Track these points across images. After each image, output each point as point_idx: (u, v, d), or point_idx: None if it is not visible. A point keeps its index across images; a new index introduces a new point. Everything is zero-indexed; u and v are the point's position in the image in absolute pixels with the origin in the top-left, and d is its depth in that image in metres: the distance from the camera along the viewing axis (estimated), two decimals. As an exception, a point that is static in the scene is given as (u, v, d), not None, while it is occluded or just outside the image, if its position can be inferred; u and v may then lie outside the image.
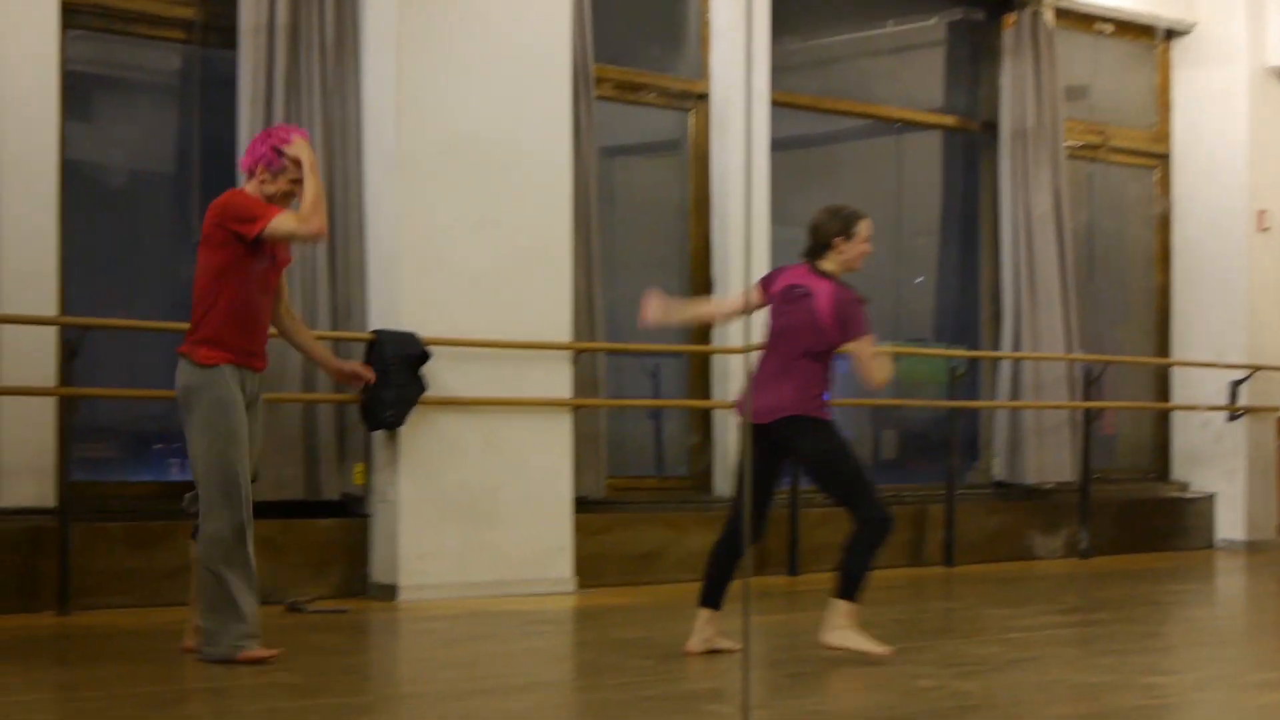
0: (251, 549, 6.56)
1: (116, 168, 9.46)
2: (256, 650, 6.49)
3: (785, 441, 7.03)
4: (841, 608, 7.01)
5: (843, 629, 7.00)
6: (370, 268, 8.96)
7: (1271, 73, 12.99)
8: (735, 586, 7.09)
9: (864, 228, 7.14)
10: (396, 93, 8.81)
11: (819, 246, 7.12)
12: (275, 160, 6.68)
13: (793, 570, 10.27)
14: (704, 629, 7.10)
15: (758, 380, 7.07)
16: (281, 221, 6.54)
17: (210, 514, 6.47)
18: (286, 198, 6.71)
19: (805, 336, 7.00)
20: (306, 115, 8.76)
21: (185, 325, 6.70)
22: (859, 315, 6.99)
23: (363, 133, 8.99)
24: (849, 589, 7.02)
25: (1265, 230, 12.94)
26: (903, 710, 6.02)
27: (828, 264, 7.10)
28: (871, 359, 7.06)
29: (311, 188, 6.60)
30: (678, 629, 8.15)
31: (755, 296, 7.25)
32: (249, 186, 6.74)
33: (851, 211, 7.20)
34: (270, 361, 8.31)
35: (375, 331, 8.72)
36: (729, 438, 10.43)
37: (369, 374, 7.34)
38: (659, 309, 7.30)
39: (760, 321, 7.39)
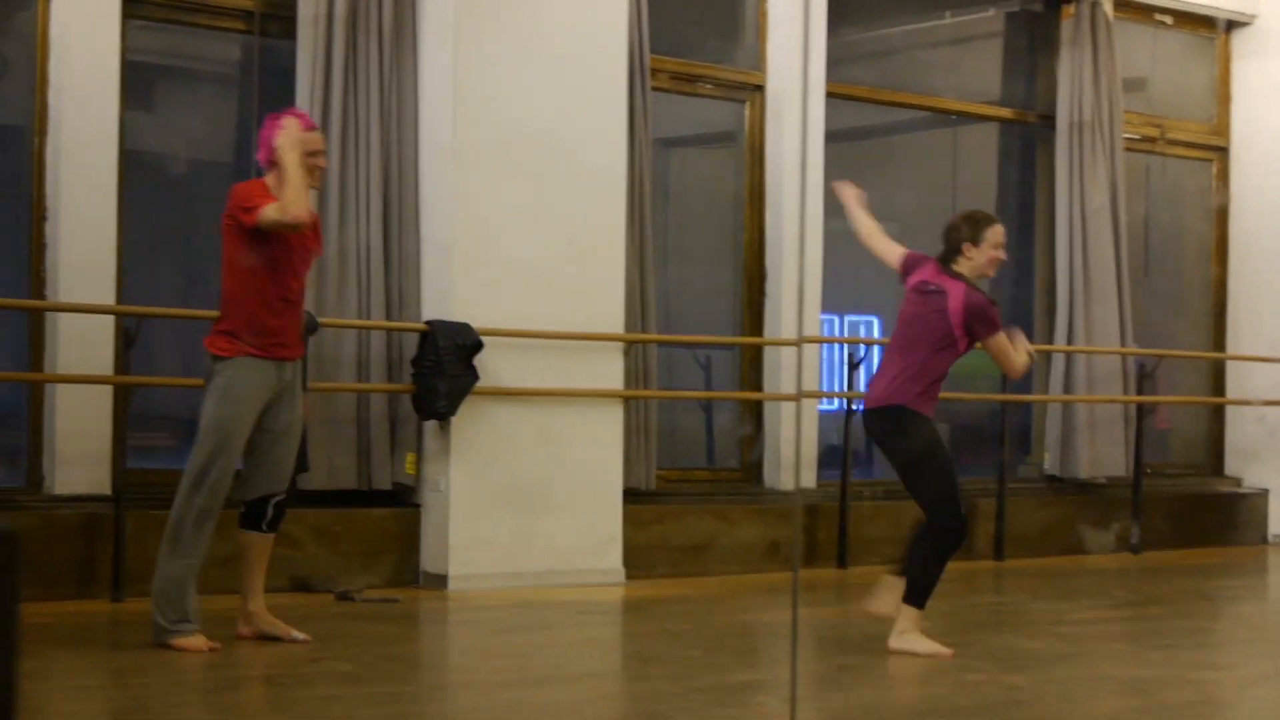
0: (207, 540, 6.64)
1: (176, 157, 9.54)
2: (194, 640, 6.54)
3: (877, 430, 7.13)
4: (907, 613, 7.00)
5: (904, 633, 7.01)
6: (424, 258, 9.00)
7: (1331, 65, 12.89)
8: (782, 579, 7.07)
9: (993, 234, 7.15)
10: (453, 83, 8.85)
11: (950, 250, 7.17)
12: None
13: (842, 563, 10.27)
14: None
15: (879, 365, 7.29)
16: (268, 211, 6.52)
17: (184, 495, 6.59)
18: (314, 173, 6.75)
19: (932, 332, 7.08)
20: (363, 105, 8.81)
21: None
22: (988, 316, 7.07)
23: (419, 123, 9.04)
24: (913, 595, 7.01)
25: (1323, 225, 12.85)
26: (952, 703, 6.03)
27: (959, 267, 7.12)
28: (1006, 353, 7.15)
29: (291, 174, 6.56)
30: (726, 620, 8.20)
31: (896, 263, 7.37)
32: (269, 178, 6.73)
33: (983, 218, 7.23)
34: (322, 350, 8.43)
35: (428, 322, 8.76)
36: (780, 429, 10.43)
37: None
38: (852, 192, 7.48)
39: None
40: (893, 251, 7.43)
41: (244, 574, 6.87)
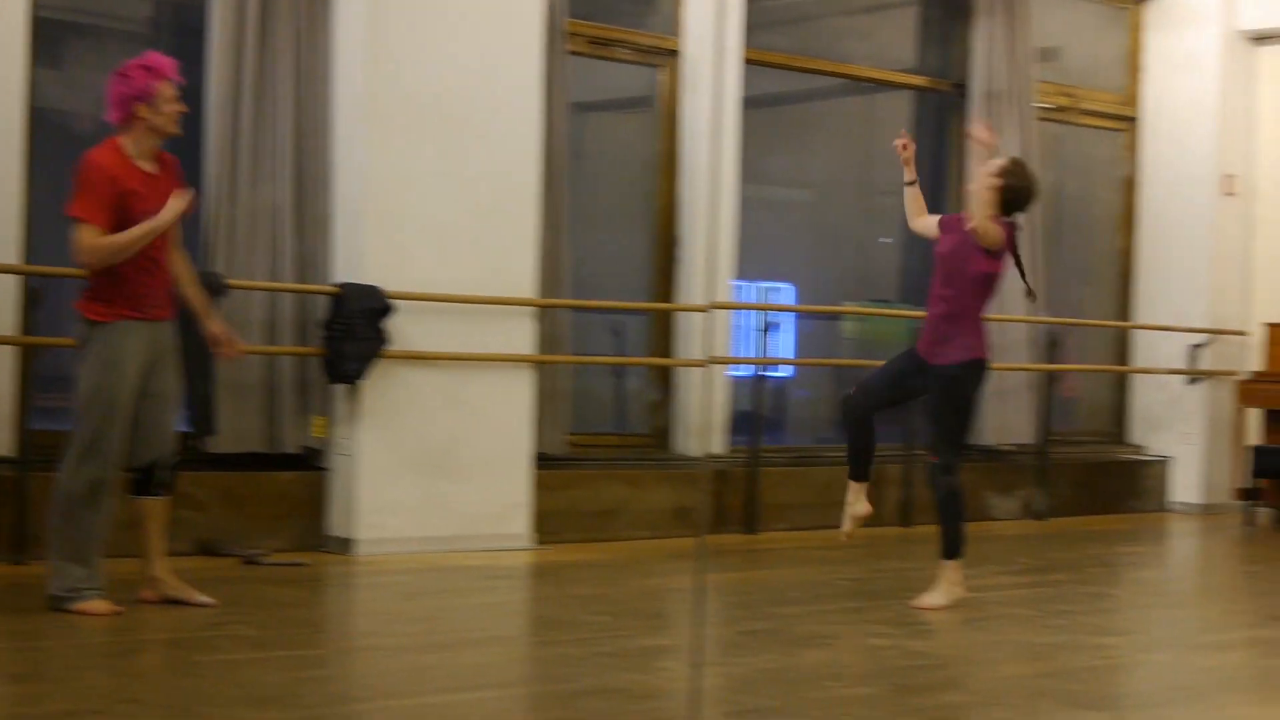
0: (107, 506, 6.58)
1: (85, 115, 9.41)
2: (96, 604, 6.49)
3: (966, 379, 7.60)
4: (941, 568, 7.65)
5: (931, 592, 7.54)
6: (336, 220, 8.95)
7: (1242, 37, 13.02)
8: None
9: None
10: (367, 44, 8.79)
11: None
12: (149, 90, 6.58)
13: (751, 529, 10.32)
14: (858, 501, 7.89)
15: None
16: (80, 233, 6.47)
17: (71, 465, 6.50)
18: (177, 119, 6.68)
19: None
20: (276, 65, 8.73)
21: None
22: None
23: (332, 84, 8.97)
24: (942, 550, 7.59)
25: (1231, 195, 12.99)
26: (856, 669, 6.08)
27: None
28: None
29: (132, 237, 6.48)
30: (634, 586, 8.24)
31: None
32: (126, 140, 6.61)
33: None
34: (230, 312, 8.37)
35: (339, 284, 8.72)
36: (691, 395, 10.46)
37: (233, 346, 7.04)
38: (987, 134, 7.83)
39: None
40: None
41: (143, 539, 6.81)
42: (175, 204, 6.56)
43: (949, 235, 7.68)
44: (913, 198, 8.02)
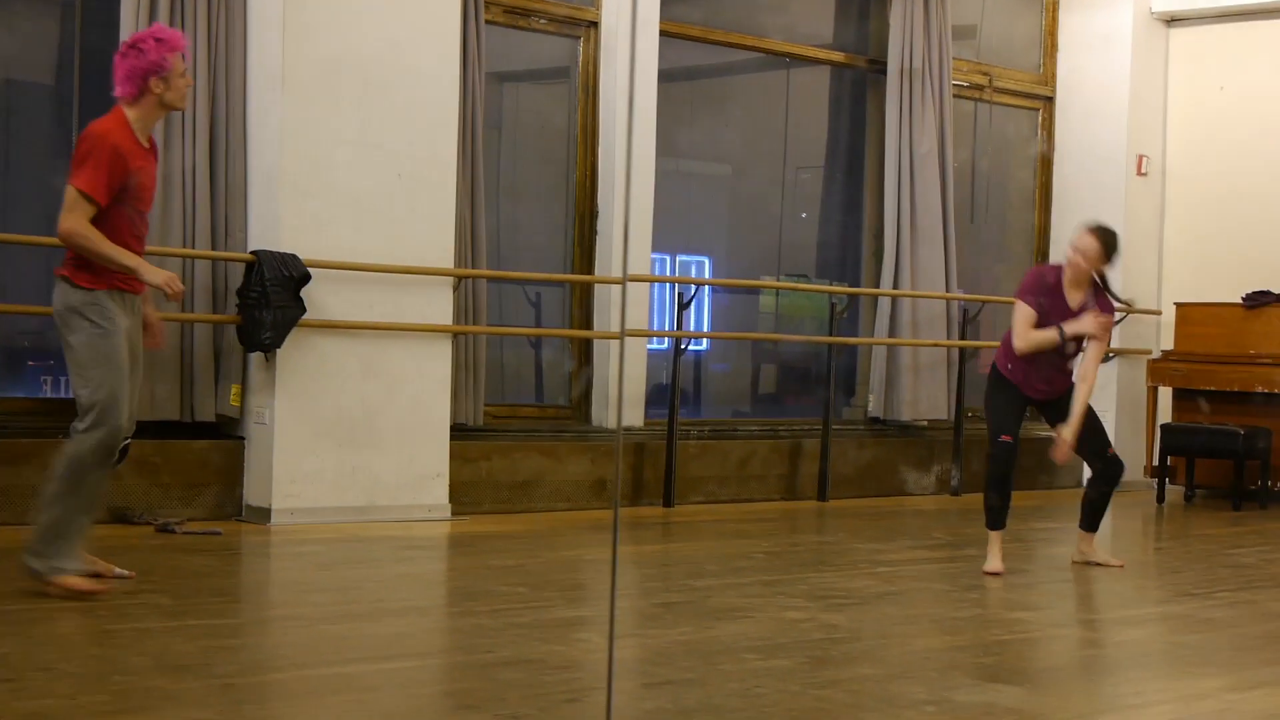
0: (105, 480, 6.46)
1: (-7, 77, 9.29)
2: (78, 580, 6.32)
3: None
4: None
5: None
6: (251, 187, 8.88)
7: (1155, 18, 13.15)
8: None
9: (1076, 239, 8.11)
10: (282, 9, 8.71)
11: None
12: (164, 64, 6.42)
13: (668, 501, 10.34)
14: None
15: None
16: (77, 207, 6.27)
17: (84, 435, 6.32)
18: (182, 98, 6.54)
19: None
20: (190, 30, 8.64)
21: (57, 240, 6.55)
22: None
23: (247, 49, 8.89)
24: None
25: (1143, 175, 13.13)
26: (771, 641, 6.10)
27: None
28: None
29: (113, 254, 6.32)
30: (551, 557, 8.23)
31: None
32: (132, 111, 6.46)
33: (1086, 223, 8.30)
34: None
35: (255, 252, 8.65)
36: (609, 368, 10.46)
37: (159, 337, 6.89)
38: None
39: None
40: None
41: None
42: (171, 280, 6.45)
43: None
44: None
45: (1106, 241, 8.08)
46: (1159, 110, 13.25)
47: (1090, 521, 8.55)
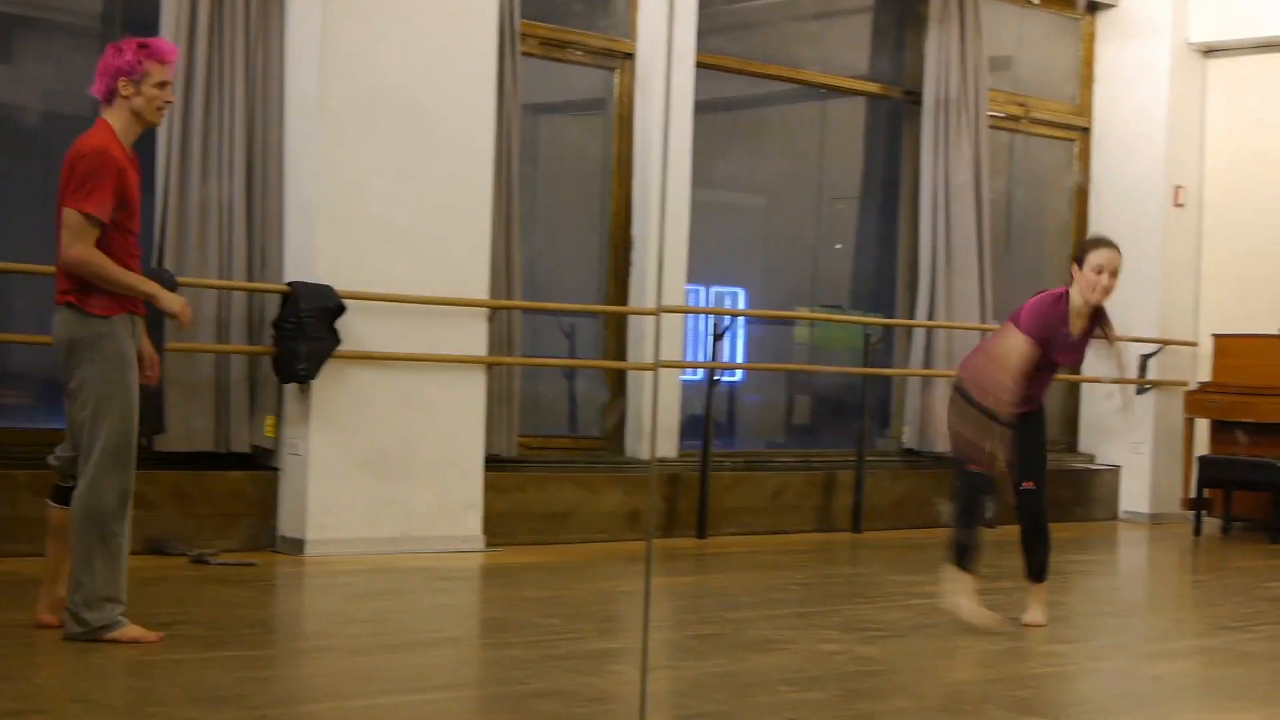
0: (130, 517, 6.13)
1: (33, 110, 9.36)
2: (135, 630, 6.06)
3: None
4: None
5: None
6: (288, 218, 8.91)
7: (1193, 49, 13.11)
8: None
9: (1095, 257, 7.24)
10: (320, 41, 8.75)
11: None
12: (137, 67, 6.07)
13: (701, 533, 10.32)
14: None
15: None
16: (86, 232, 5.94)
17: (98, 478, 5.97)
18: (162, 110, 6.20)
19: None
20: (228, 60, 8.69)
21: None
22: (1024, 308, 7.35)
23: (285, 81, 8.93)
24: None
25: (1180, 206, 13.08)
26: (806, 674, 6.08)
27: (1073, 289, 7.30)
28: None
29: (128, 281, 6.04)
30: (585, 589, 8.23)
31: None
32: (111, 118, 6.09)
33: (1092, 241, 7.47)
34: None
35: (290, 283, 8.68)
36: (643, 399, 10.46)
37: (155, 370, 6.44)
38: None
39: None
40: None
41: (59, 555, 6.18)
42: (186, 307, 6.27)
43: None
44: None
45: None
46: (1196, 141, 13.20)
47: (1030, 569, 7.60)
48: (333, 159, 8.79)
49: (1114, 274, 7.26)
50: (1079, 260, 7.28)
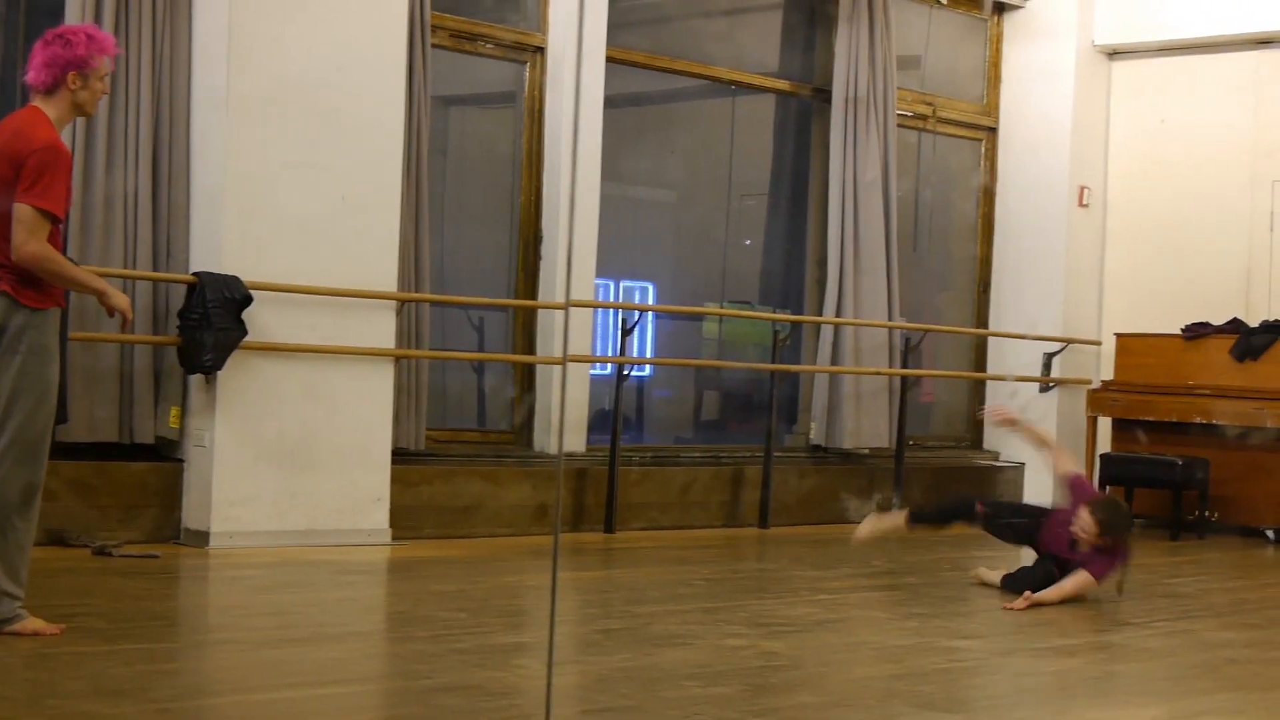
0: (36, 513, 6.02)
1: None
2: (38, 623, 5.99)
3: None
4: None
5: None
6: (194, 208, 8.84)
7: (1098, 51, 13.26)
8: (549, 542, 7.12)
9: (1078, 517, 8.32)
10: (228, 30, 8.68)
11: None
12: (89, 61, 5.99)
13: (609, 527, 10.33)
14: None
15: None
16: (40, 229, 5.85)
17: (8, 469, 5.90)
18: (94, 103, 6.13)
19: None
20: (134, 49, 8.60)
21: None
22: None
23: (191, 71, 8.86)
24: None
25: (1085, 206, 13.23)
26: (712, 669, 6.10)
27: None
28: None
29: (80, 277, 6.09)
30: (492, 583, 8.22)
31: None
32: (49, 108, 6.01)
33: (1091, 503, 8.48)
34: (85, 300, 8.23)
35: (196, 273, 8.61)
36: (551, 393, 10.45)
37: None
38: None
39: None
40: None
41: None
42: (127, 302, 6.22)
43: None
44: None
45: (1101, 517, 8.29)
46: (1101, 142, 13.35)
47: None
48: (240, 149, 8.73)
49: (1084, 529, 8.25)
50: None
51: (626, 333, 10.59)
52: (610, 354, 10.89)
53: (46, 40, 6.07)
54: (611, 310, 11.05)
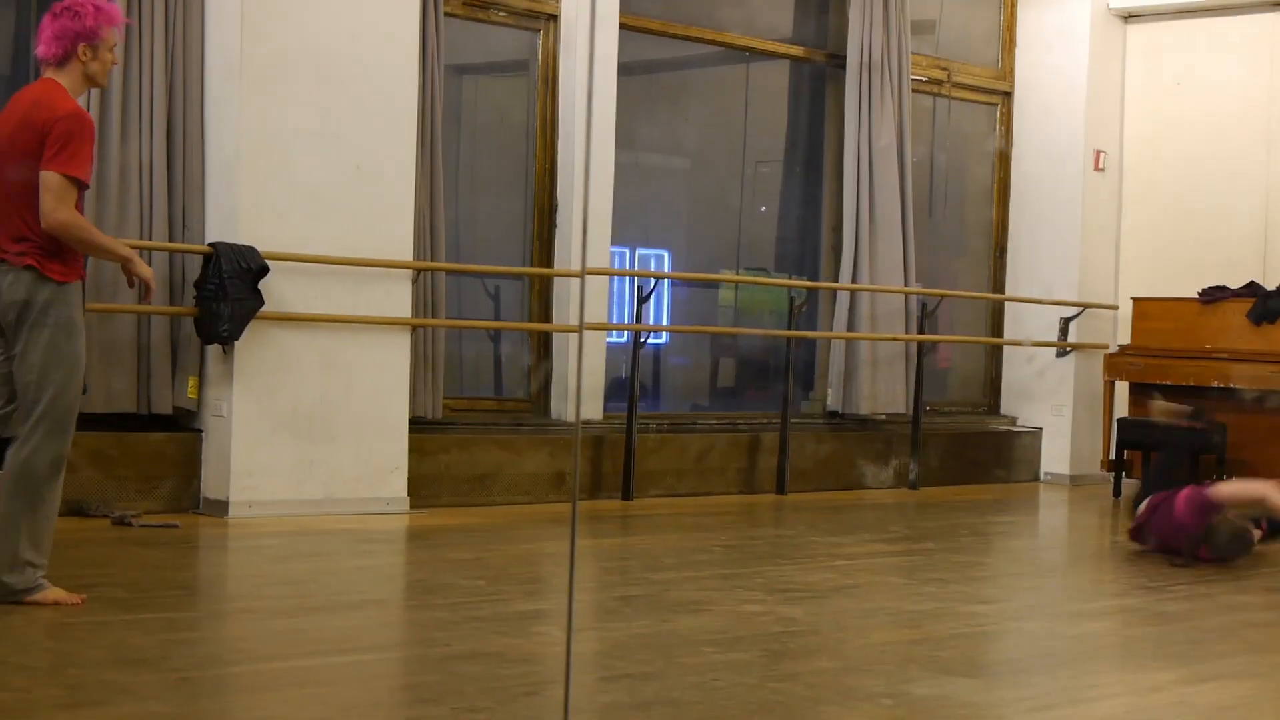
0: (60, 485, 6.08)
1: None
2: (59, 593, 6.04)
3: None
4: None
5: None
6: (209, 179, 8.85)
7: (1112, 14, 13.20)
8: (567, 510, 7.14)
9: None
10: (241, 1, 8.67)
11: None
12: (98, 32, 6.06)
13: (627, 495, 10.34)
14: None
15: None
16: (69, 196, 5.92)
17: (36, 442, 5.96)
18: (105, 74, 6.20)
19: None
20: (148, 20, 8.60)
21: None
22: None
23: (205, 41, 8.85)
24: None
25: (1100, 171, 13.18)
26: (729, 634, 6.11)
27: None
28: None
29: (107, 244, 6.18)
30: (510, 551, 8.23)
31: None
32: (61, 80, 6.04)
33: None
34: (102, 271, 8.24)
35: (212, 244, 8.61)
36: (567, 361, 10.46)
37: None
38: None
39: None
40: None
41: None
42: (150, 272, 6.26)
43: None
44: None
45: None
46: (1116, 106, 13.30)
47: None
48: (254, 119, 8.72)
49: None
50: None
51: (642, 300, 10.59)
52: (626, 321, 10.89)
53: (55, 13, 6.11)
54: (627, 278, 11.04)
